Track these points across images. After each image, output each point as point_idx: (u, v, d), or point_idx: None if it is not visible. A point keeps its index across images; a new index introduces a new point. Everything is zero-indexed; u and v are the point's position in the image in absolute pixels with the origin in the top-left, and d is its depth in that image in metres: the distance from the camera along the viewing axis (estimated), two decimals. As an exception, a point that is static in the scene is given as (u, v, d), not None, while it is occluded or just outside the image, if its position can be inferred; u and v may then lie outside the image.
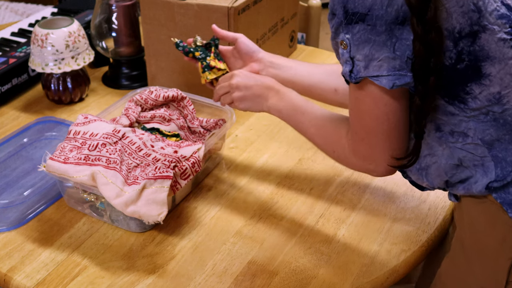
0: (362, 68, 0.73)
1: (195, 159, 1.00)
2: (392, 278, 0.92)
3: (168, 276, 0.92)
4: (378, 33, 0.70)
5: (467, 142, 0.76)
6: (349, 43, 0.73)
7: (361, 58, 0.73)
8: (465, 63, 0.71)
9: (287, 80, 1.04)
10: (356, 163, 0.85)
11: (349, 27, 0.72)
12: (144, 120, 1.17)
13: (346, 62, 0.75)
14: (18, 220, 1.02)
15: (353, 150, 0.83)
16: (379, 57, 0.71)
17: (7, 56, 1.41)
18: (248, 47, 1.08)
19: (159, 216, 0.93)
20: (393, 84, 0.72)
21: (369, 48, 0.71)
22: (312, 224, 1.02)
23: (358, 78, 0.74)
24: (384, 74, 0.72)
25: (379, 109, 0.75)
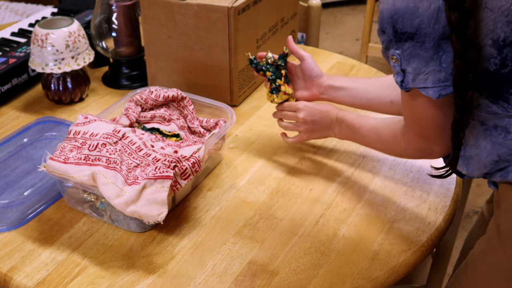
0: (410, 80, 0.79)
1: (195, 159, 1.00)
2: (392, 278, 0.92)
3: (168, 276, 0.92)
4: (426, 49, 0.75)
5: (508, 138, 0.80)
6: (399, 57, 0.79)
7: (411, 70, 0.79)
8: (509, 68, 0.74)
9: (346, 100, 1.13)
10: (415, 154, 0.95)
11: (398, 44, 0.78)
12: (144, 120, 1.17)
13: (398, 73, 0.81)
14: (18, 220, 1.02)
15: (409, 143, 0.91)
16: (426, 71, 0.77)
17: (7, 56, 1.41)
18: (312, 71, 1.15)
19: (159, 216, 0.93)
20: (439, 95, 0.78)
21: (417, 63, 0.77)
22: (312, 224, 1.02)
23: (408, 88, 0.81)
24: (430, 86, 0.78)
25: (431, 113, 0.82)
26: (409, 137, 0.91)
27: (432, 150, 0.88)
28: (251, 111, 1.36)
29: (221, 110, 1.19)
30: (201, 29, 1.28)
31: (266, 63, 1.14)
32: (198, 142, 1.15)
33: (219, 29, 1.27)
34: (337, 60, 1.58)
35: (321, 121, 1.11)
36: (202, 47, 1.31)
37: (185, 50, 1.33)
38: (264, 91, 1.44)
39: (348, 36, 3.64)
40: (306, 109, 1.11)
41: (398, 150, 0.98)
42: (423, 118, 0.84)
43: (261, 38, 1.40)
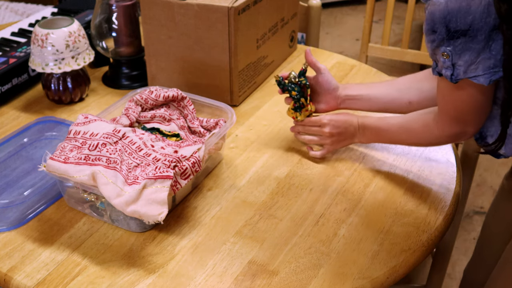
0: (461, 72, 0.85)
1: (195, 159, 1.00)
2: (392, 278, 0.92)
3: (168, 276, 0.92)
4: (478, 42, 0.81)
5: None
6: (450, 53, 0.84)
7: (462, 63, 0.84)
8: None
9: (365, 107, 1.18)
10: (448, 139, 0.99)
11: (450, 41, 0.83)
12: (144, 120, 1.17)
13: (447, 68, 0.86)
14: (18, 220, 1.02)
15: (443, 130, 0.97)
16: (477, 61, 0.82)
17: (7, 56, 1.41)
18: (329, 84, 1.18)
19: (159, 216, 0.93)
20: (490, 81, 0.83)
21: (469, 55, 0.82)
22: (312, 224, 1.02)
23: (458, 80, 0.86)
24: (480, 73, 0.83)
25: (476, 98, 0.88)
26: (444, 124, 0.96)
27: (466, 132, 0.95)
28: (251, 111, 1.36)
29: (221, 110, 1.19)
30: (201, 29, 1.29)
31: (290, 82, 1.17)
32: (198, 142, 1.15)
33: (219, 29, 1.27)
34: (337, 60, 1.58)
35: (346, 131, 1.14)
36: (202, 47, 1.31)
37: (185, 50, 1.33)
38: (265, 91, 1.44)
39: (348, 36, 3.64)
40: (331, 123, 1.14)
41: (431, 139, 1.02)
42: (465, 104, 0.90)
43: (261, 38, 1.40)
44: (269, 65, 1.49)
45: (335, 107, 1.19)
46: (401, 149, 1.21)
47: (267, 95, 1.42)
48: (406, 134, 1.06)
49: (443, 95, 0.93)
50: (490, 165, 2.47)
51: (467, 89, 0.88)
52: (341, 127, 1.14)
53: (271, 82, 1.48)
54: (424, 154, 1.20)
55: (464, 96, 0.89)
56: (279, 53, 1.54)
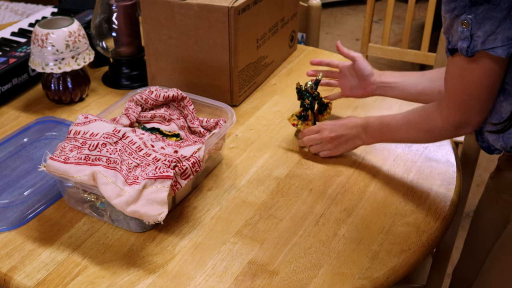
0: (479, 43, 0.83)
1: (195, 159, 1.00)
2: (392, 278, 0.92)
3: (168, 276, 0.92)
4: (501, 10, 0.80)
5: None
6: (470, 22, 0.82)
7: (481, 34, 0.82)
8: None
9: (398, 94, 1.19)
10: (449, 128, 0.96)
11: (472, 8, 0.81)
12: (144, 120, 1.17)
13: (465, 39, 0.84)
14: (18, 220, 1.02)
15: (446, 116, 0.95)
16: (496, 31, 0.81)
17: (7, 56, 1.41)
18: (364, 70, 1.22)
19: (159, 216, 0.93)
20: (508, 52, 0.82)
21: (490, 25, 0.81)
22: (312, 224, 1.02)
23: (474, 52, 0.84)
24: (499, 45, 0.82)
25: (486, 76, 0.86)
26: (449, 110, 0.94)
27: (470, 122, 0.93)
28: (251, 111, 1.36)
29: (221, 110, 1.19)
30: (201, 29, 1.29)
31: (306, 91, 1.22)
32: (198, 142, 1.15)
33: (219, 29, 1.27)
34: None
35: (346, 133, 1.14)
36: (202, 47, 1.31)
37: (185, 50, 1.33)
38: (265, 91, 1.44)
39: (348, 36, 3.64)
40: (327, 127, 1.16)
41: (433, 128, 0.99)
42: (475, 85, 0.88)
43: (261, 38, 1.40)
44: (269, 65, 1.49)
45: (371, 92, 1.22)
46: (401, 149, 1.21)
47: (267, 95, 1.42)
48: (407, 126, 1.05)
49: (453, 76, 0.92)
50: (490, 165, 2.47)
51: (482, 64, 0.86)
52: (339, 130, 1.14)
53: (271, 82, 1.48)
54: (424, 154, 1.20)
55: (476, 73, 0.87)
56: (279, 53, 1.54)
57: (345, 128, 1.14)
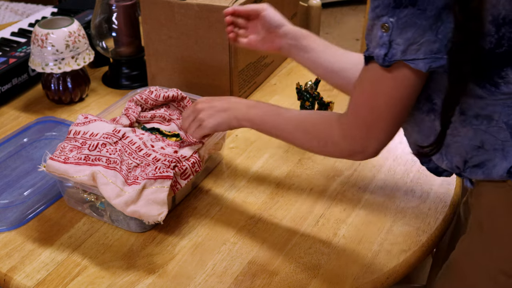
0: (399, 52, 0.73)
1: (195, 159, 1.00)
2: (392, 278, 0.92)
3: (168, 276, 0.92)
4: (427, 18, 0.70)
5: (491, 126, 0.78)
6: (392, 26, 0.72)
7: (401, 42, 0.72)
8: (505, 48, 0.72)
9: (307, 62, 1.03)
10: (344, 147, 0.84)
11: (396, 10, 0.72)
12: (144, 120, 1.17)
13: (382, 45, 0.74)
14: (18, 220, 1.02)
15: (346, 134, 0.83)
16: (420, 41, 0.72)
17: (7, 56, 1.41)
18: (273, 21, 1.04)
19: (159, 216, 0.93)
20: (429, 67, 0.73)
21: (413, 33, 0.71)
22: (312, 224, 1.02)
23: (392, 61, 0.74)
24: (421, 57, 0.72)
25: (399, 92, 0.76)
26: (350, 127, 0.82)
27: (368, 145, 0.81)
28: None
29: (221, 110, 1.18)
30: (201, 29, 1.28)
31: (306, 91, 1.19)
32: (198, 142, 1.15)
33: (219, 29, 1.27)
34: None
35: (221, 105, 0.98)
36: (202, 47, 1.31)
37: (185, 50, 1.33)
38: (265, 91, 1.44)
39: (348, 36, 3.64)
40: (203, 99, 1.01)
41: (326, 140, 0.86)
42: (386, 99, 0.77)
43: (261, 38, 1.40)
44: (269, 65, 1.49)
45: (278, 47, 1.05)
46: (401, 149, 1.21)
47: (267, 95, 1.42)
48: (297, 125, 0.91)
49: (362, 88, 0.80)
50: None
51: (398, 76, 0.75)
52: (215, 99, 1.00)
53: (271, 82, 1.48)
54: (424, 154, 1.20)
55: (389, 87, 0.76)
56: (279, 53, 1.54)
57: (224, 100, 0.99)
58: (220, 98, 1.00)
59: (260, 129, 0.96)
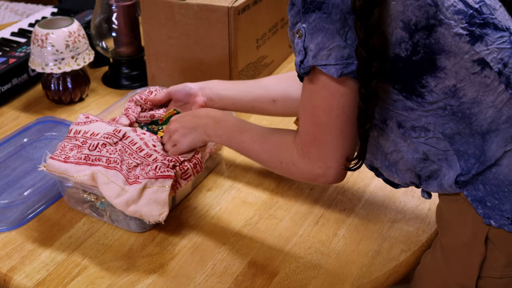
0: (311, 57, 0.73)
1: (197, 160, 1.01)
2: (392, 278, 0.92)
3: (168, 276, 0.92)
4: (333, 22, 0.71)
5: (429, 137, 0.77)
6: (304, 32, 0.73)
7: (313, 47, 0.73)
8: (421, 55, 0.72)
9: (228, 101, 1.08)
10: (304, 169, 0.82)
11: (306, 16, 0.72)
12: (144, 120, 1.17)
13: (299, 52, 0.75)
14: (18, 220, 1.02)
15: (303, 153, 0.81)
16: (330, 46, 0.72)
17: (7, 56, 1.41)
18: (180, 91, 1.12)
19: (160, 216, 0.93)
20: (341, 73, 0.72)
21: (322, 37, 0.72)
22: (312, 224, 1.02)
23: (306, 68, 0.74)
24: (332, 63, 0.72)
25: (336, 100, 0.75)
26: (304, 146, 0.81)
27: (326, 165, 0.79)
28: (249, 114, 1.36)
29: (221, 110, 1.18)
30: (201, 29, 1.28)
31: None
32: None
33: (219, 29, 1.27)
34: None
35: (191, 123, 1.00)
36: (202, 47, 1.31)
37: (185, 50, 1.33)
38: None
39: (348, 36, 3.63)
40: (176, 119, 1.03)
41: (286, 161, 0.85)
42: (324, 111, 0.76)
43: (261, 38, 1.40)
44: (269, 65, 1.49)
45: (202, 103, 1.09)
46: (401, 149, 1.21)
47: (267, 95, 1.42)
48: (261, 146, 0.90)
49: (304, 103, 0.79)
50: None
51: (325, 85, 0.74)
52: (187, 120, 1.01)
53: (271, 82, 1.48)
54: (424, 154, 1.20)
55: (323, 95, 0.75)
56: (279, 53, 1.54)
57: (193, 117, 1.01)
58: (190, 114, 1.02)
59: (229, 146, 0.97)
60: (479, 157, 0.76)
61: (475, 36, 0.72)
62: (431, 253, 0.89)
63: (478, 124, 0.75)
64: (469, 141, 0.76)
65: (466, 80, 0.73)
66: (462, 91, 0.73)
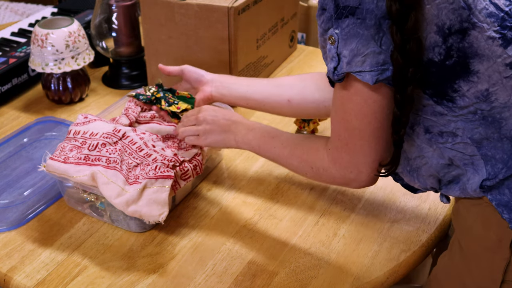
0: (345, 64, 0.72)
1: (197, 162, 1.01)
2: (392, 278, 0.92)
3: (168, 276, 0.92)
4: (367, 27, 0.70)
5: (456, 142, 0.76)
6: (337, 38, 0.72)
7: (347, 53, 0.72)
8: (454, 59, 0.71)
9: (240, 97, 1.06)
10: (336, 174, 0.83)
11: (338, 21, 0.72)
12: (144, 120, 1.17)
13: (332, 58, 0.74)
14: (18, 220, 1.02)
15: (334, 158, 0.82)
16: (365, 52, 0.71)
17: (7, 56, 1.41)
18: (194, 73, 1.10)
19: (160, 216, 0.93)
20: (376, 80, 0.72)
21: (356, 43, 0.71)
22: (312, 224, 1.02)
23: (340, 75, 0.74)
24: (367, 69, 0.71)
25: (368, 106, 0.75)
26: (336, 151, 0.81)
27: (358, 170, 0.79)
28: (251, 111, 1.35)
29: (221, 110, 1.18)
30: (201, 29, 1.28)
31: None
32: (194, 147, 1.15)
33: (219, 29, 1.27)
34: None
35: (223, 121, 1.00)
36: (202, 47, 1.31)
37: (185, 50, 1.33)
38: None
39: (348, 36, 3.63)
40: (208, 109, 1.02)
41: (316, 167, 0.86)
42: (357, 117, 0.76)
43: (261, 38, 1.40)
44: (269, 65, 1.49)
45: (209, 93, 1.09)
46: (401, 149, 1.21)
47: (267, 95, 1.42)
48: (291, 152, 0.91)
49: (336, 109, 0.79)
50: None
51: (358, 91, 0.74)
52: (219, 116, 1.00)
53: (271, 82, 1.48)
54: (424, 154, 1.20)
55: (356, 101, 0.75)
56: (279, 53, 1.54)
57: (225, 117, 1.00)
58: (224, 114, 1.01)
59: (258, 153, 0.97)
60: (507, 162, 0.75)
61: (507, 39, 0.71)
62: (448, 255, 0.88)
63: (508, 129, 0.74)
64: (497, 146, 0.75)
65: (498, 84, 0.72)
66: (494, 95, 0.73)
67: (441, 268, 0.90)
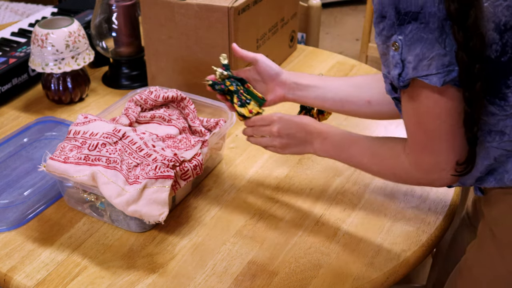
0: (411, 69, 0.73)
1: (197, 162, 1.01)
2: (392, 278, 0.92)
3: (168, 276, 0.92)
4: (431, 31, 0.70)
5: (503, 140, 0.78)
6: (401, 44, 0.73)
7: (412, 59, 0.73)
8: (509, 55, 0.72)
9: (317, 99, 1.02)
10: (420, 177, 0.84)
11: (401, 28, 0.72)
12: (144, 120, 1.17)
13: (396, 65, 0.74)
14: (18, 220, 1.02)
15: (415, 163, 0.83)
16: (430, 56, 0.71)
17: (7, 56, 1.41)
18: (270, 68, 1.03)
19: (160, 216, 0.93)
20: (443, 81, 0.72)
21: (421, 47, 0.71)
22: (312, 224, 1.02)
23: (406, 81, 0.74)
24: (434, 72, 0.72)
25: (440, 107, 0.75)
26: (415, 154, 0.82)
27: (442, 168, 0.80)
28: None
29: (221, 110, 1.19)
30: (201, 29, 1.28)
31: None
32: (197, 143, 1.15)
33: (219, 29, 1.27)
34: (337, 60, 1.58)
35: (299, 134, 0.99)
36: (202, 47, 1.31)
37: (185, 50, 1.33)
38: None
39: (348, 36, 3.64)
40: (281, 122, 1.00)
41: (400, 171, 0.86)
42: (431, 118, 0.77)
43: (261, 38, 1.40)
44: (269, 65, 1.49)
45: (282, 96, 1.03)
46: (401, 149, 1.21)
47: (267, 95, 1.42)
48: (371, 157, 0.91)
49: (408, 114, 0.80)
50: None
51: (424, 95, 0.75)
52: (293, 128, 0.99)
53: (271, 82, 1.48)
54: (424, 154, 1.19)
55: (427, 104, 0.75)
56: (279, 53, 1.54)
57: (300, 130, 0.99)
58: (297, 126, 0.99)
59: (335, 159, 0.98)
60: None
61: None
62: (477, 244, 0.89)
63: None
64: None
65: None
66: None
67: (471, 257, 0.91)
